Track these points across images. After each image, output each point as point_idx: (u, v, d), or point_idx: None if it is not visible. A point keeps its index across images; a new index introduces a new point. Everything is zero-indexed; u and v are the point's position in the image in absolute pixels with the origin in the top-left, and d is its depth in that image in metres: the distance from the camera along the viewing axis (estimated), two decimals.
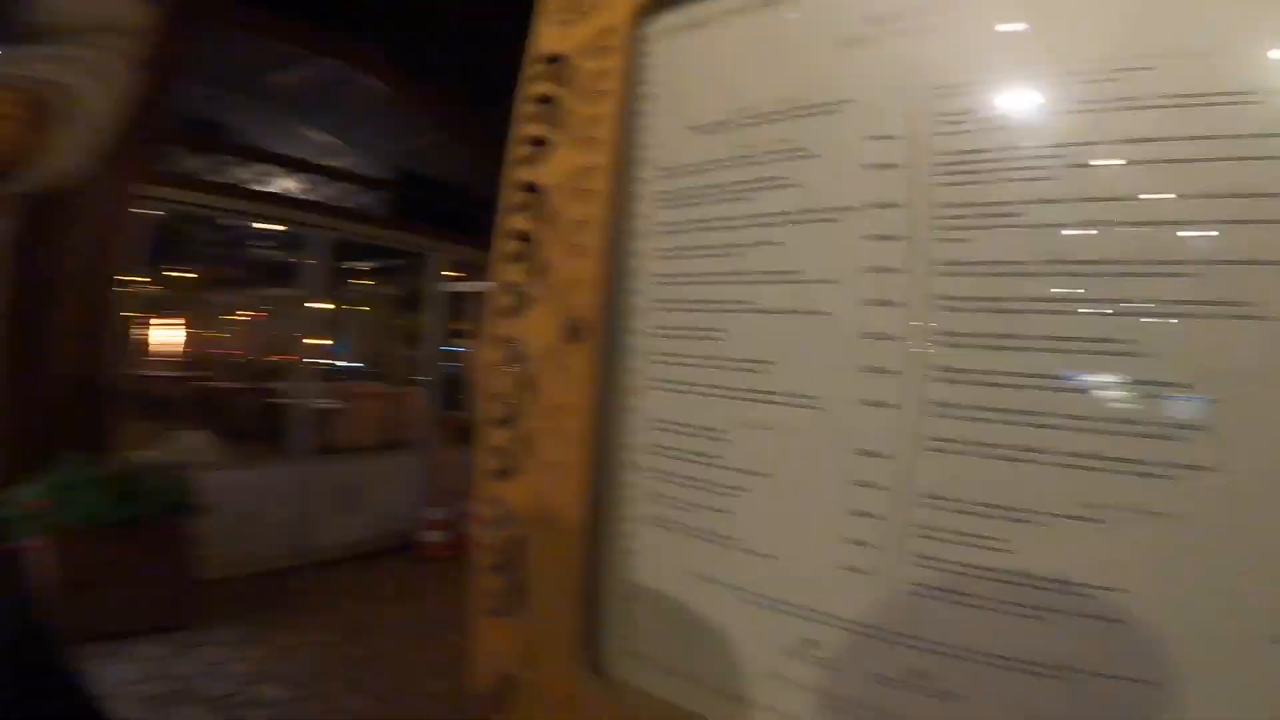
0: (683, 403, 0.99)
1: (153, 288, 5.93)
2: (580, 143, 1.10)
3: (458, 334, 7.47)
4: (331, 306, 7.02)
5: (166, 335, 11.41)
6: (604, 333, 1.05)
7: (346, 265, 9.25)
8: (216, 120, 5.37)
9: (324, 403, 5.87)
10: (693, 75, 1.05)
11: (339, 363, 10.03)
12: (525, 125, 1.16)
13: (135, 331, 4.04)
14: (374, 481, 5.01)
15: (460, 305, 6.49)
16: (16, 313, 3.32)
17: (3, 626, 0.57)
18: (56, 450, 3.19)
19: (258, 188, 4.54)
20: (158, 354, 10.77)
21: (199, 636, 3.32)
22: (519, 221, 1.14)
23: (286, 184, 4.71)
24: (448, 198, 5.92)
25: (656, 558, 1.01)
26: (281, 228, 6.52)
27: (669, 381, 1.01)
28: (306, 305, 4.88)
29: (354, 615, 3.80)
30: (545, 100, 1.15)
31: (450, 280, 5.92)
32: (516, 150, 1.17)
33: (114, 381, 3.74)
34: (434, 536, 4.86)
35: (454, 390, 6.02)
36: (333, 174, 4.99)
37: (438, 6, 4.08)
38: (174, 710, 2.66)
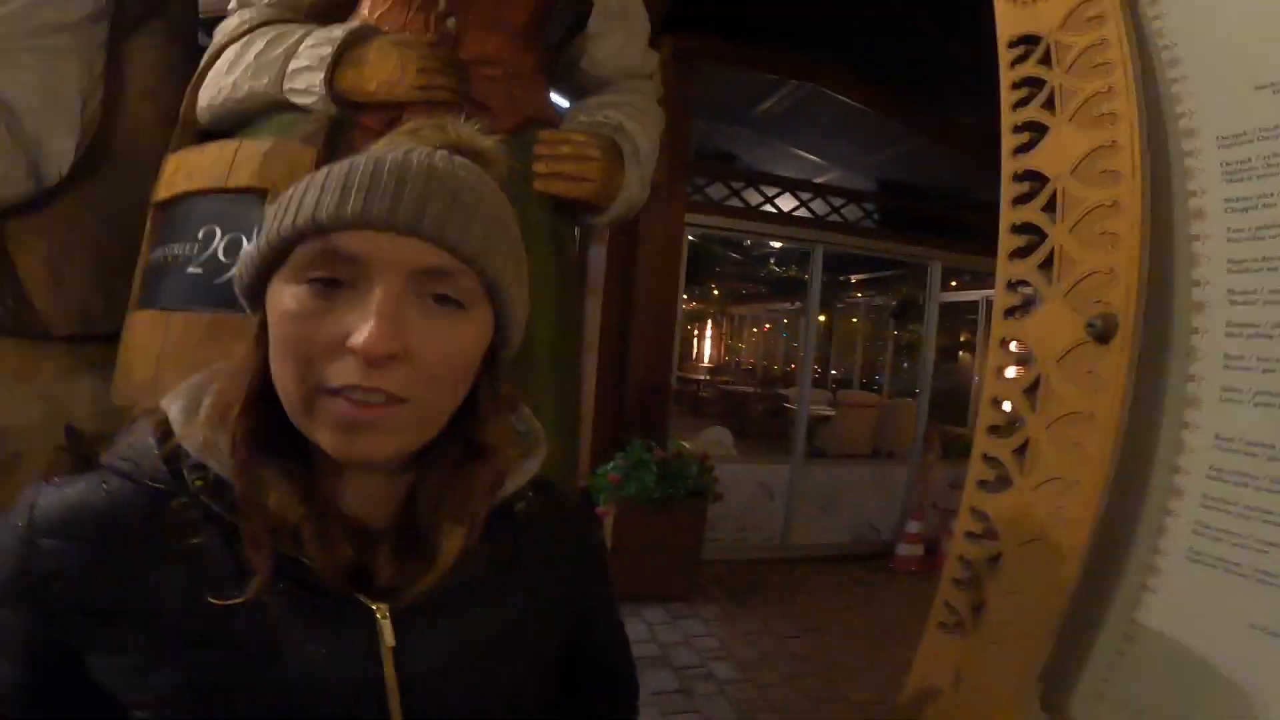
0: (1275, 419, 0.77)
1: (688, 303, 7.10)
2: (1087, 122, 0.96)
3: (955, 345, 7.08)
4: (826, 318, 7.38)
5: (698, 343, 13.73)
6: (1141, 332, 0.87)
7: (840, 278, 9.68)
8: (724, 150, 6.21)
9: (819, 409, 6.22)
10: (1246, 26, 0.83)
11: (834, 372, 10.56)
12: (1014, 113, 1.07)
13: (679, 340, 4.91)
14: (856, 488, 5.08)
15: (957, 315, 6.12)
16: (608, 325, 4.33)
17: (597, 572, 0.70)
18: (628, 436, 3.94)
19: (765, 209, 5.04)
20: (692, 359, 13.02)
21: (686, 609, 3.77)
22: (1022, 214, 1.04)
23: (784, 203, 5.12)
24: (938, 203, 5.67)
25: (1191, 599, 0.82)
26: (782, 245, 7.12)
27: (1252, 392, 0.80)
28: (805, 317, 5.23)
29: (812, 613, 3.89)
30: (1030, 83, 1.06)
31: (947, 289, 5.64)
32: (1009, 140, 1.08)
33: (668, 381, 4.64)
34: (908, 549, 4.74)
35: (948, 403, 5.70)
36: (822, 190, 5.23)
37: (890, 13, 3.97)
38: (650, 673, 2.97)
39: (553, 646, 0.63)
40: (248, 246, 0.51)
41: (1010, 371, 1.02)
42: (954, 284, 6.21)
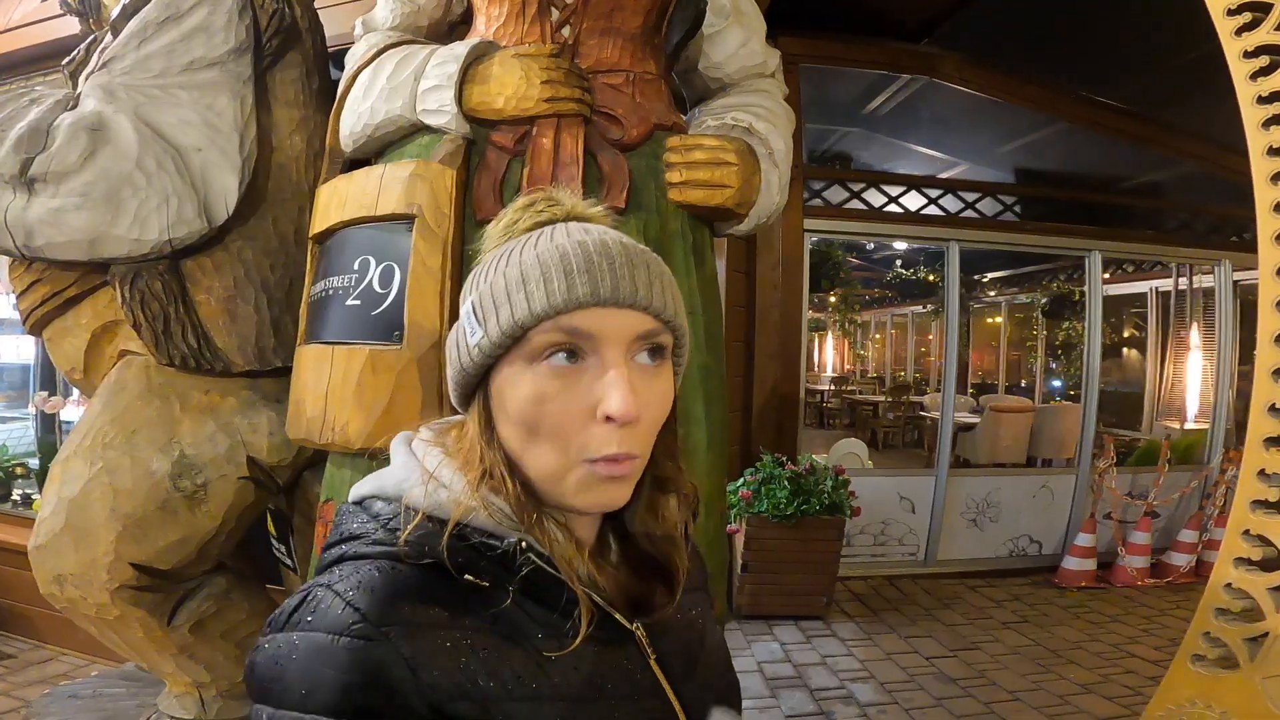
0: None
1: (812, 311, 6.90)
2: None
3: (1119, 342, 6.44)
4: (965, 319, 6.96)
5: (820, 352, 13.30)
6: None
7: (975, 277, 9.07)
8: (836, 151, 5.99)
9: (960, 416, 5.83)
10: None
11: (979, 376, 9.87)
12: (1254, 83, 0.96)
13: (803, 349, 4.76)
14: (1010, 499, 4.71)
15: (1119, 309, 5.57)
16: (731, 339, 4.22)
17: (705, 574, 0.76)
18: (757, 451, 3.93)
19: (889, 209, 4.81)
20: (818, 369, 12.64)
21: (823, 629, 3.63)
22: None
23: (910, 202, 4.86)
24: (1090, 190, 5.19)
25: None
26: (909, 246, 6.75)
27: None
28: (945, 319, 4.93)
29: (963, 632, 3.64)
30: (1274, 50, 0.95)
31: (1110, 281, 5.14)
32: (1254, 112, 0.96)
33: (797, 393, 4.49)
34: (1078, 564, 4.33)
35: (1117, 406, 5.17)
36: (953, 185, 4.94)
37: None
38: (785, 694, 2.88)
39: (718, 639, 0.71)
40: (470, 340, 0.56)
41: None
42: (1106, 276, 5.69)
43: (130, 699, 1.75)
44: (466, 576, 0.51)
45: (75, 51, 1.63)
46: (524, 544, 0.53)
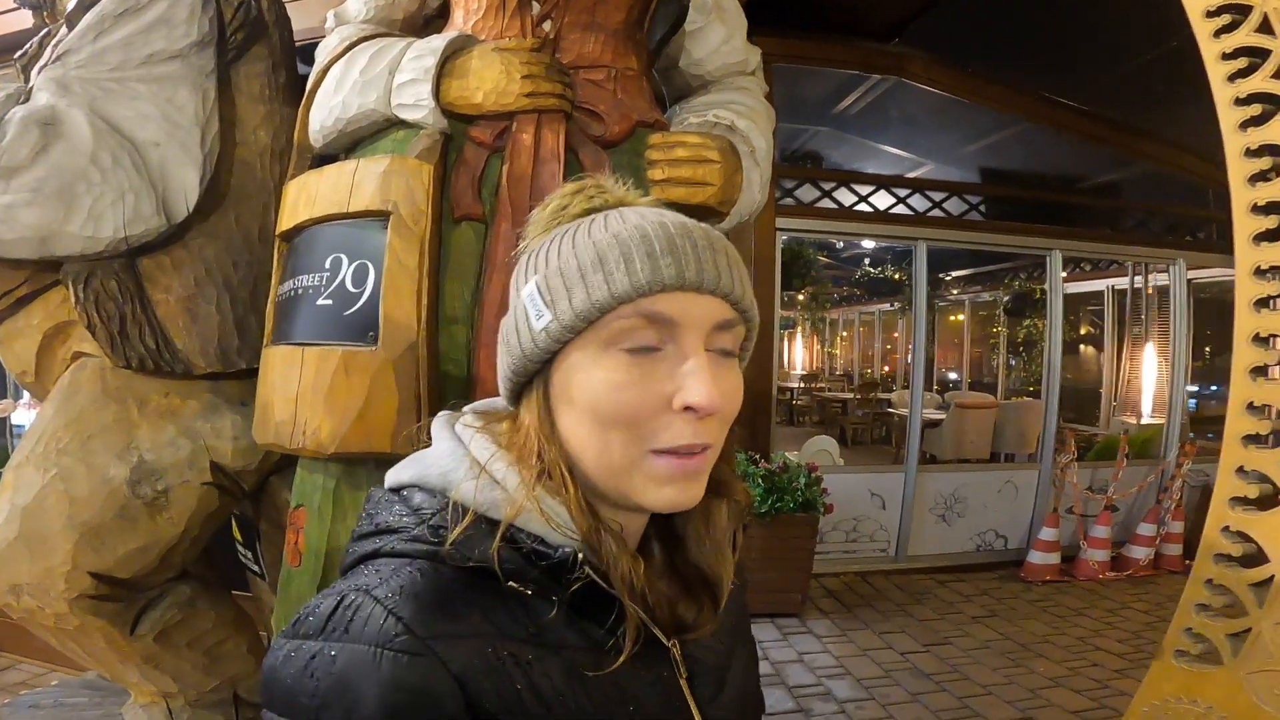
0: None
1: (782, 309, 6.94)
2: None
3: (1076, 339, 6.60)
4: (932, 317, 7.09)
5: (790, 350, 13.44)
6: None
7: (939, 275, 9.24)
8: (806, 150, 6.05)
9: (929, 413, 5.92)
10: None
11: (942, 373, 10.06)
12: (1232, 85, 0.98)
13: (775, 347, 4.78)
14: (977, 494, 4.80)
15: (1077, 306, 5.71)
16: None
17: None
18: (733, 449, 3.92)
19: (859, 208, 4.86)
20: (788, 366, 12.76)
21: (798, 626, 3.67)
22: (1266, 191, 0.91)
23: (879, 202, 4.93)
24: (1053, 190, 5.32)
25: None
26: (876, 244, 6.83)
27: None
28: (912, 317, 5.01)
29: (936, 627, 3.71)
30: (1252, 52, 0.96)
31: (1068, 279, 5.26)
32: (1231, 114, 0.97)
33: (770, 392, 4.52)
34: (1042, 558, 4.43)
35: (1075, 401, 5.30)
36: (921, 185, 5.02)
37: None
38: (763, 692, 2.97)
39: (750, 654, 0.68)
40: (535, 325, 0.52)
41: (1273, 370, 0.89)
42: (1064, 274, 5.83)
43: (94, 709, 1.69)
44: (510, 584, 0.49)
45: (28, 45, 1.55)
46: (581, 556, 0.49)
